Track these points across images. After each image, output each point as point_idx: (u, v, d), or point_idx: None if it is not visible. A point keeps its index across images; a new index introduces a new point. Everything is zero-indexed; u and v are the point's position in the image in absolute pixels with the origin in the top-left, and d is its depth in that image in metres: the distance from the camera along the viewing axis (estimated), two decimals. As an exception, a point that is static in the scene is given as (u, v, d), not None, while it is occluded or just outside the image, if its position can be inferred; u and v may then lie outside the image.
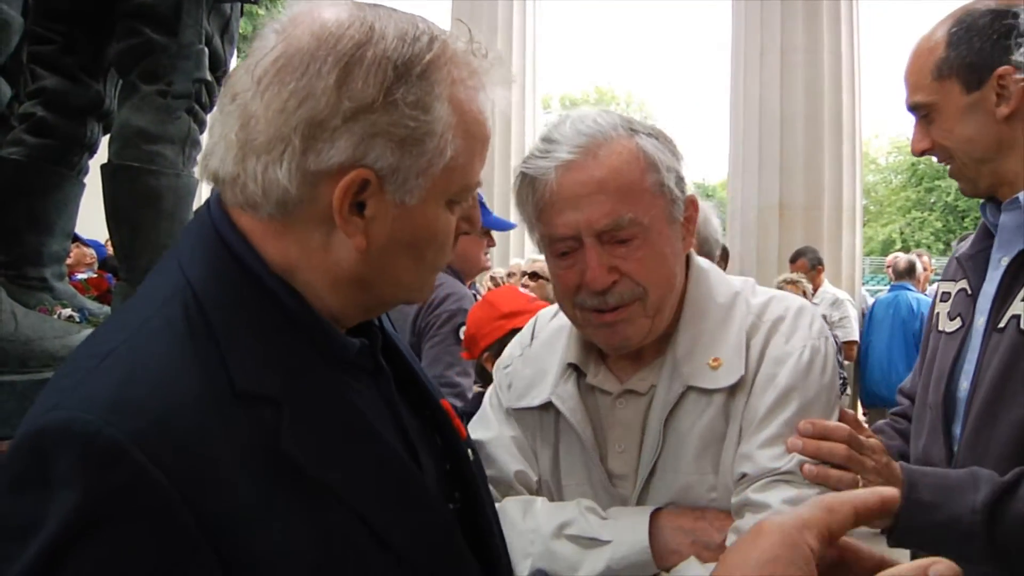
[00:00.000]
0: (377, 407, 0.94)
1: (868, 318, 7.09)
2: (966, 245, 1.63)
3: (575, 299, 1.24)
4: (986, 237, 1.58)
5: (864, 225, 29.75)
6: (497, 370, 1.47)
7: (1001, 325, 1.42)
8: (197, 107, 2.87)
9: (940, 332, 1.61)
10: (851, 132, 8.05)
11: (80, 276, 4.23)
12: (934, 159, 1.59)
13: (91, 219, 3.30)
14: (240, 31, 3.38)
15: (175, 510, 0.70)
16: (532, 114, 11.05)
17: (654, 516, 1.20)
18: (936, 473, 1.37)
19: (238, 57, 3.56)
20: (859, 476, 1.24)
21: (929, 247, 25.55)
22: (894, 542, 1.33)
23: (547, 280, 3.36)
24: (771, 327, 1.27)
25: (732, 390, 1.23)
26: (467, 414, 1.46)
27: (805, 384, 1.23)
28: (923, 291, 7.11)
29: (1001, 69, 1.43)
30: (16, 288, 2.89)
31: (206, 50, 2.89)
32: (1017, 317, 1.40)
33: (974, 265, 1.57)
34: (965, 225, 26.63)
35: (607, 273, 1.20)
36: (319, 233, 0.86)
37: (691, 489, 1.22)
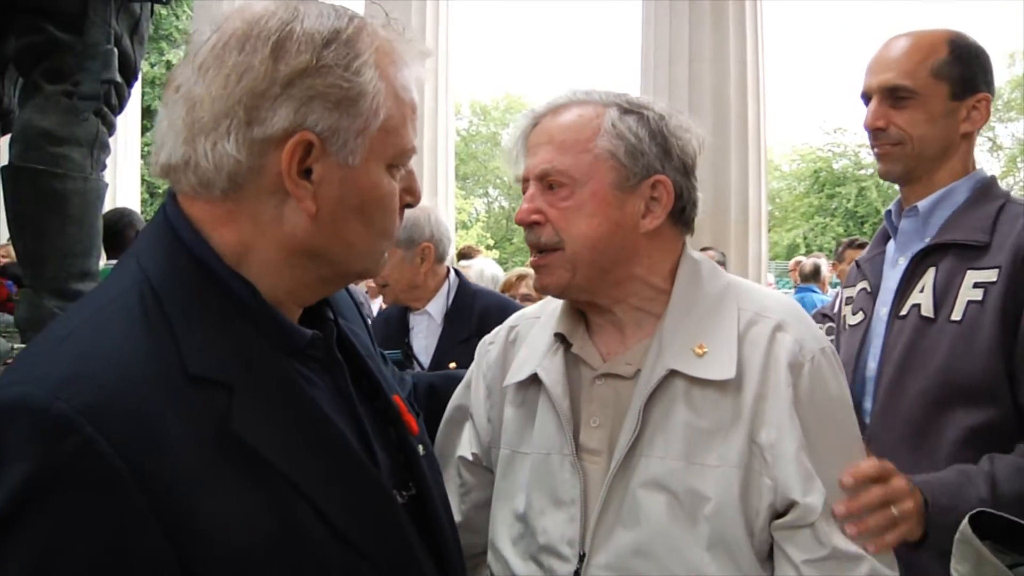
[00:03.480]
0: (329, 396, 0.97)
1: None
2: (863, 253, 1.90)
3: (525, 236, 1.34)
4: (882, 242, 1.85)
5: (769, 230, 30.78)
6: (483, 345, 1.54)
7: (903, 313, 1.67)
8: (106, 109, 2.77)
9: (845, 327, 1.84)
10: (756, 139, 8.37)
11: None
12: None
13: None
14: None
15: (122, 480, 0.73)
16: (444, 118, 11.07)
17: None
18: (934, 478, 1.44)
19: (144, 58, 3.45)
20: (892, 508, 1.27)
21: (831, 251, 26.60)
22: (928, 551, 1.36)
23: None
24: (777, 325, 1.25)
25: (732, 385, 1.21)
26: None
27: (827, 392, 1.24)
28: (826, 292, 7.42)
29: (982, 94, 1.69)
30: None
31: (115, 50, 2.80)
32: (917, 305, 1.64)
33: (872, 267, 1.83)
34: (864, 230, 27.88)
35: (531, 212, 1.29)
36: (271, 206, 0.90)
37: (673, 475, 1.20)
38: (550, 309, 1.42)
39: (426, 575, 0.97)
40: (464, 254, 7.99)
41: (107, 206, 3.22)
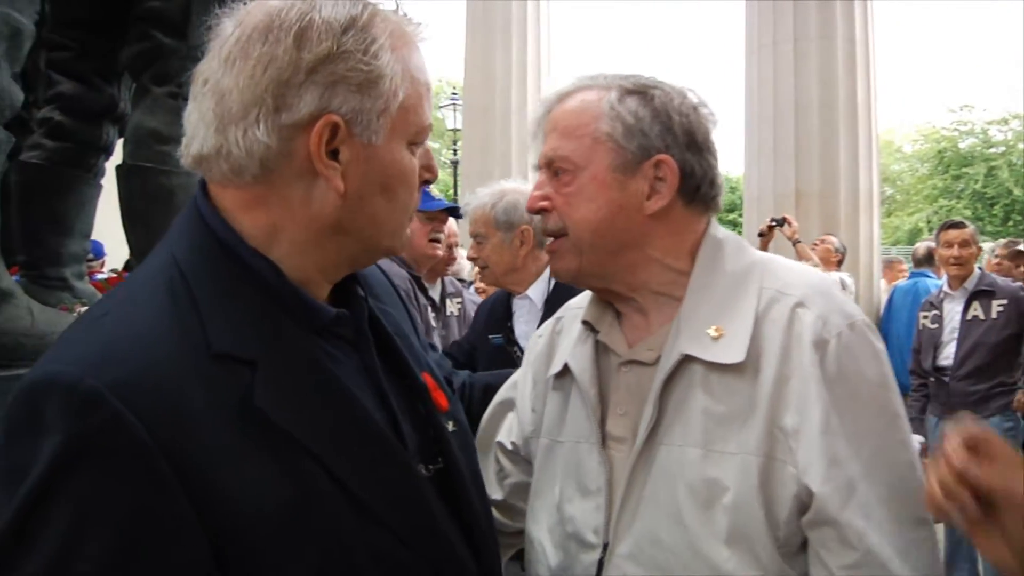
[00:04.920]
0: (356, 372, 1.01)
1: (887, 305, 7.06)
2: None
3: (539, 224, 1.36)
4: None
5: (890, 215, 29.33)
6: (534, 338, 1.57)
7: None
8: (207, 107, 2.93)
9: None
10: (867, 118, 7.99)
11: (100, 276, 4.34)
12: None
13: (107, 219, 3.39)
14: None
15: (147, 450, 0.78)
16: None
17: None
18: None
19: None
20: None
21: (956, 235, 25.06)
22: None
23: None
24: (798, 302, 1.18)
25: (749, 368, 1.16)
26: None
27: (859, 371, 1.15)
28: (941, 277, 7.06)
29: None
30: (37, 288, 2.98)
31: (213, 47, 2.95)
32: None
33: None
34: (994, 212, 26.22)
35: (539, 199, 1.31)
36: (300, 188, 0.95)
37: (691, 464, 1.16)
38: (591, 296, 1.41)
39: (451, 544, 1.00)
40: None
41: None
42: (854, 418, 1.13)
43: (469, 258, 3.14)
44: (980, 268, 5.87)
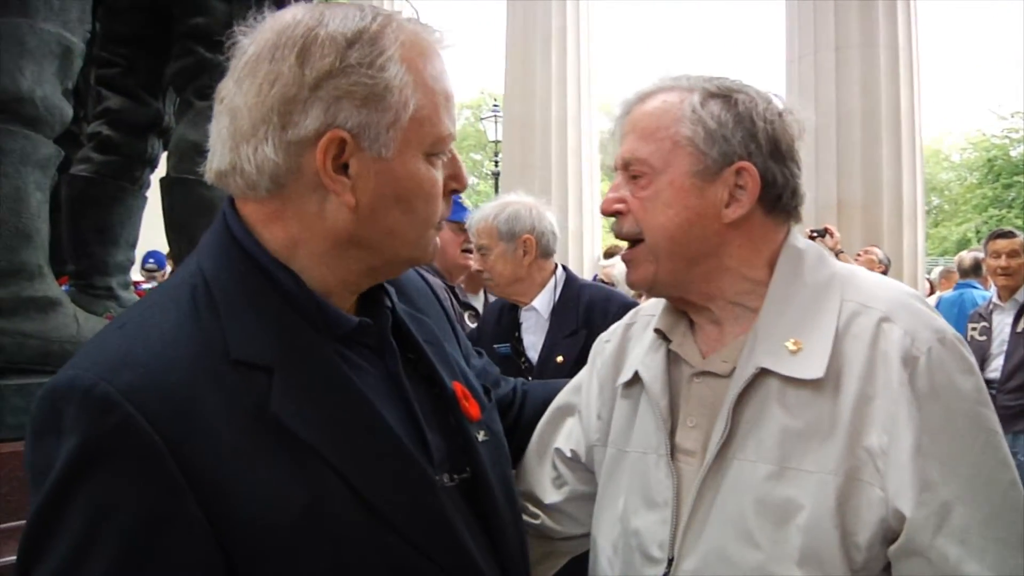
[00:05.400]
0: (379, 380, 1.02)
1: (933, 317, 6.91)
2: None
3: (612, 227, 1.31)
4: None
5: (937, 225, 28.66)
6: (599, 343, 1.51)
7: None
8: (249, 121, 2.99)
9: None
10: (910, 127, 7.86)
11: (145, 286, 4.44)
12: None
13: (151, 231, 3.48)
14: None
15: (158, 453, 0.80)
16: (588, 120, 11.08)
17: None
18: None
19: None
20: None
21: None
22: None
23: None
24: (883, 317, 1.13)
25: (829, 384, 1.11)
26: None
27: (953, 387, 1.08)
28: (988, 289, 6.90)
29: None
30: (84, 297, 3.07)
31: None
32: None
33: None
34: (1047, 222, 25.54)
35: (614, 202, 1.27)
36: (313, 202, 0.96)
37: (765, 481, 1.11)
38: (663, 305, 1.37)
39: (469, 553, 0.99)
40: (609, 253, 7.97)
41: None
42: (948, 437, 1.06)
43: (475, 270, 3.16)
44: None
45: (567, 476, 1.45)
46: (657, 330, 1.32)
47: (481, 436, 1.12)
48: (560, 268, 2.94)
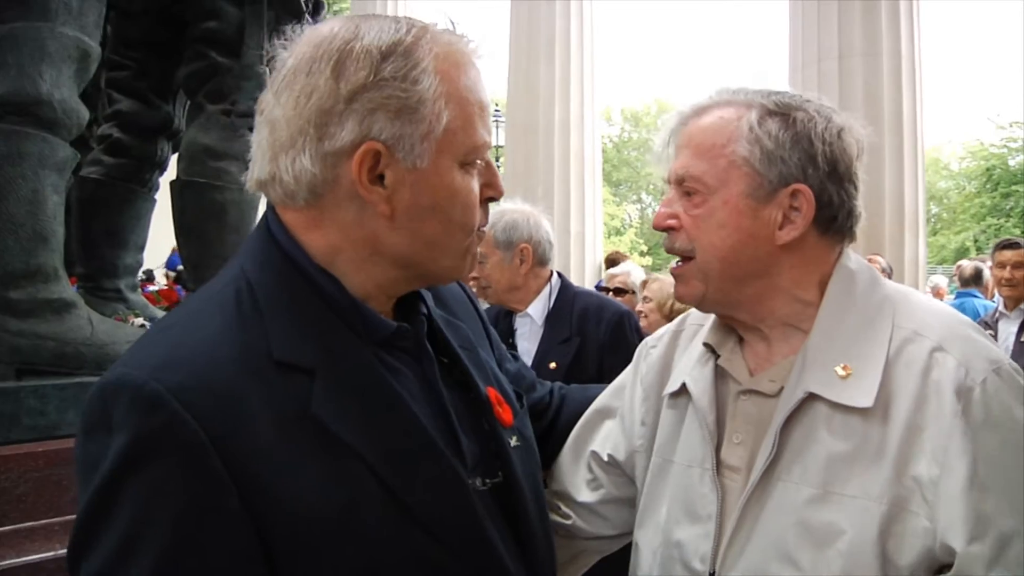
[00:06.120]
0: (416, 384, 1.04)
1: (934, 326, 6.91)
2: None
3: (663, 241, 1.30)
4: None
5: (936, 233, 28.67)
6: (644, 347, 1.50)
7: None
8: (261, 125, 3.01)
9: None
10: (912, 136, 7.87)
11: (152, 288, 4.45)
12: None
13: (161, 233, 3.49)
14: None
15: (204, 450, 0.83)
16: (591, 125, 11.10)
17: None
18: None
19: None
20: None
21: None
22: None
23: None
24: (936, 346, 1.11)
25: (878, 412, 1.10)
26: None
27: (1010, 418, 1.05)
28: (991, 298, 6.91)
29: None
30: (93, 298, 3.08)
31: (268, 70, 3.04)
32: None
33: None
34: (1045, 230, 25.60)
35: (667, 217, 1.25)
36: (350, 211, 0.98)
37: (808, 504, 1.10)
38: (713, 317, 1.35)
39: (499, 554, 1.01)
40: (612, 260, 7.95)
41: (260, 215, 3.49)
42: (1005, 469, 1.04)
43: (471, 278, 3.18)
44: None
45: (603, 479, 1.45)
46: (706, 344, 1.31)
47: (513, 441, 1.14)
48: (555, 275, 2.96)
